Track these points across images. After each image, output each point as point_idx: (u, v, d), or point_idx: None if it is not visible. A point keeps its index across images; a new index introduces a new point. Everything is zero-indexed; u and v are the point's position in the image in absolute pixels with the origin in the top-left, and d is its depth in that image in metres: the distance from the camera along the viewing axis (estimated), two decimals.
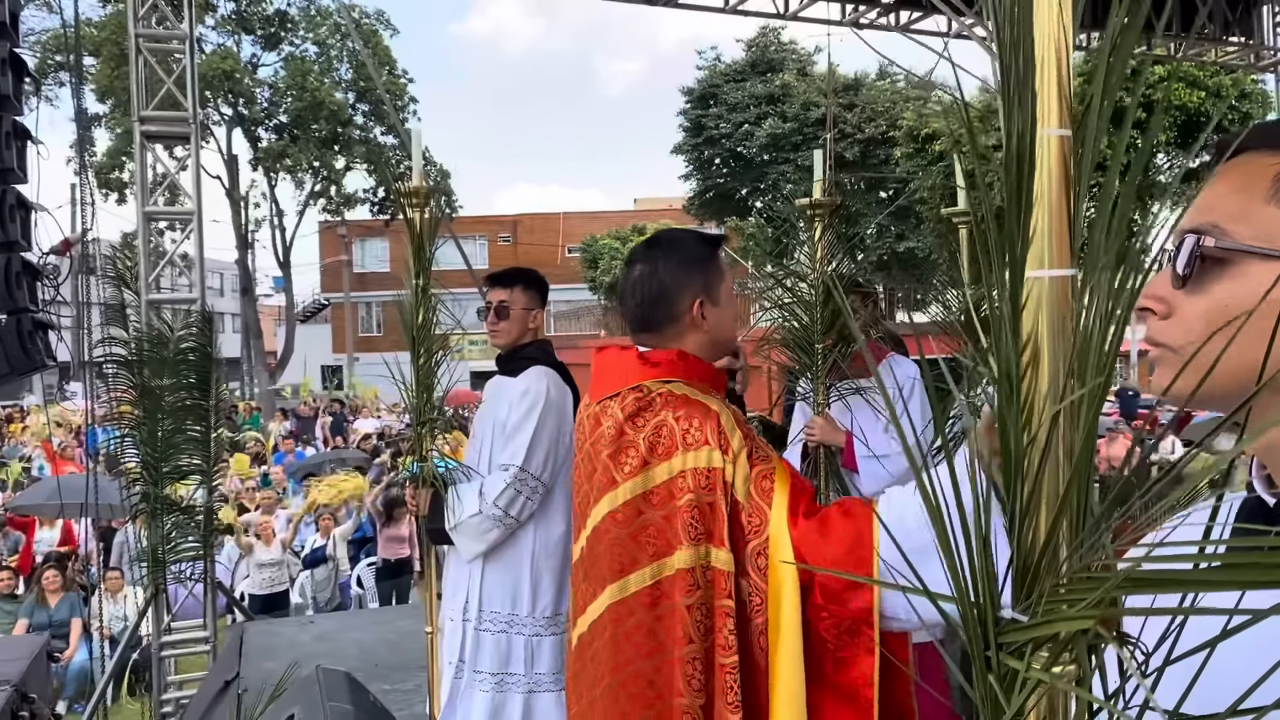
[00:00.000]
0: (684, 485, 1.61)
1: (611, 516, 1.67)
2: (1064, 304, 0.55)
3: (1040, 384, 0.55)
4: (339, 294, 34.92)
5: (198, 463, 5.40)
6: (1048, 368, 0.55)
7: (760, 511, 1.58)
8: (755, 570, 1.57)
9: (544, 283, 3.27)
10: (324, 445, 17.28)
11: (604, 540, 1.69)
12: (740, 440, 1.63)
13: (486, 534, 2.95)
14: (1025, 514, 0.54)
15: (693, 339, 1.81)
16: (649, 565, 1.63)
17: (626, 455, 1.68)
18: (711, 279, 1.82)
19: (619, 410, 1.72)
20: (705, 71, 24.66)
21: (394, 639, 5.04)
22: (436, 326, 2.91)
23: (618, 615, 1.64)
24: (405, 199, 2.75)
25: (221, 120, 24.53)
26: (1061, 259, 0.55)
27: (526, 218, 37.69)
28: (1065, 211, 0.55)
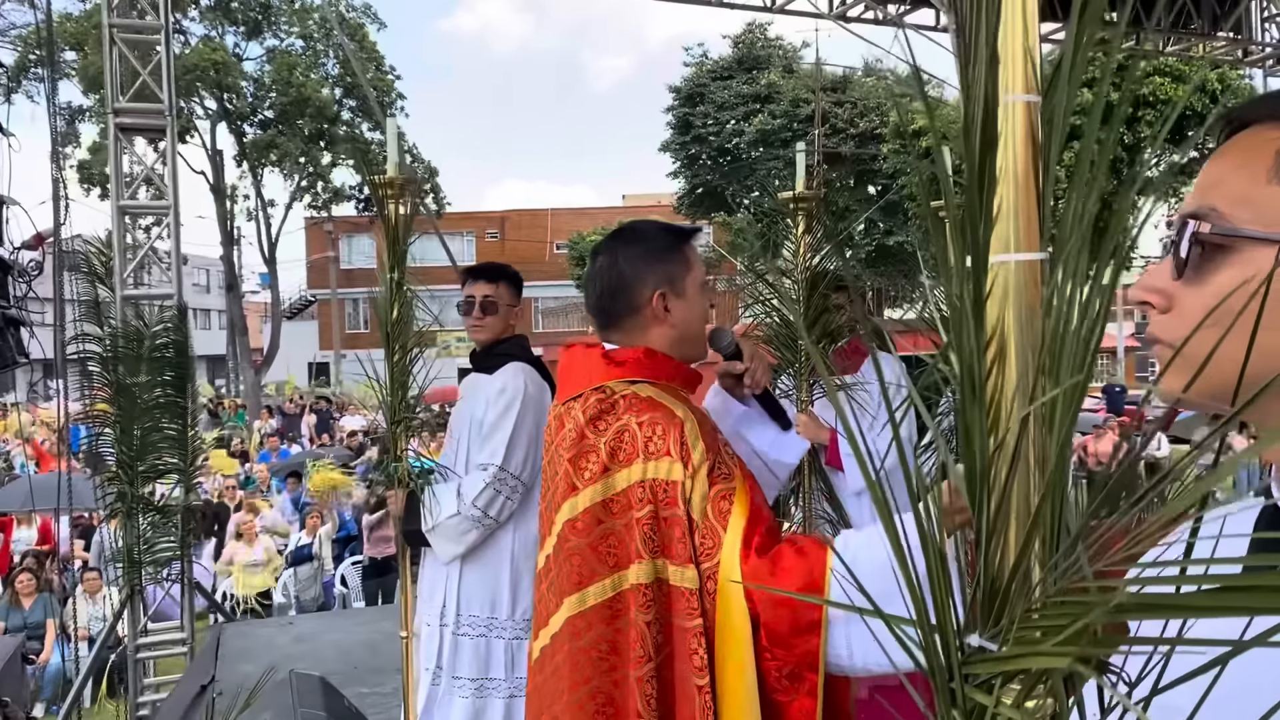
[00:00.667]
0: (644, 495, 1.54)
1: (571, 525, 1.60)
2: (1033, 292, 0.49)
3: (1007, 383, 0.49)
4: (325, 290, 34.72)
5: (175, 461, 5.32)
6: (1015, 364, 0.49)
7: (714, 533, 1.50)
8: (705, 594, 1.50)
9: (521, 279, 3.24)
10: (310, 443, 17.17)
11: (564, 549, 1.61)
12: (702, 453, 1.55)
13: (464, 535, 2.88)
14: (992, 530, 0.48)
15: (657, 334, 1.73)
16: (608, 577, 1.55)
17: (587, 460, 1.60)
18: (675, 270, 1.74)
19: (580, 413, 1.65)
20: (692, 69, 24.57)
21: (374, 640, 4.97)
22: (414, 323, 2.84)
23: (575, 629, 1.57)
24: (381, 190, 2.67)
25: (206, 115, 24.34)
26: (1030, 241, 0.49)
27: (514, 214, 37.51)
28: (1033, 188, 0.49)
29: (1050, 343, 0.49)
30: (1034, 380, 0.48)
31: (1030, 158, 0.48)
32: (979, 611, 0.50)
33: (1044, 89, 0.48)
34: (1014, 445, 0.48)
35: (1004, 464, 0.48)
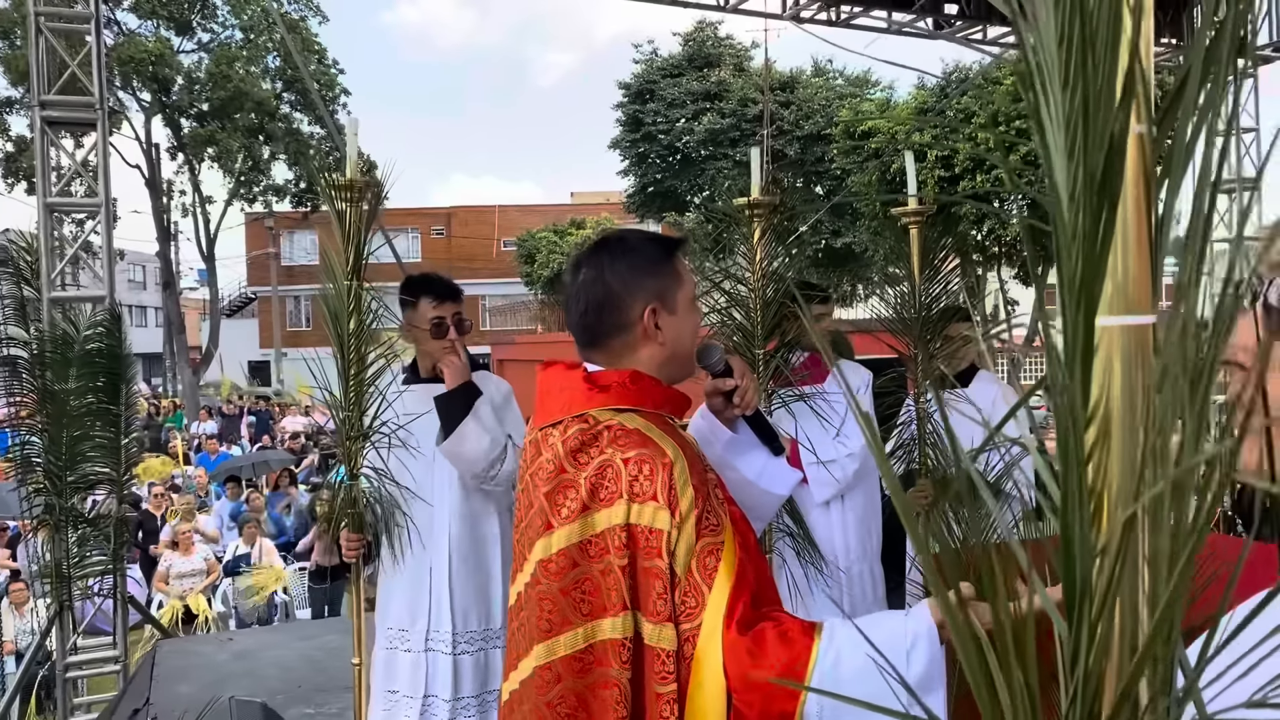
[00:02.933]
0: (624, 541, 1.41)
1: (544, 565, 1.47)
2: (1145, 359, 0.40)
3: (1111, 472, 0.40)
4: (266, 287, 33.98)
5: (106, 471, 5.08)
6: (1120, 448, 0.40)
7: (698, 592, 1.38)
8: (682, 658, 1.38)
9: None
10: (250, 445, 16.76)
11: (535, 590, 1.48)
12: (690, 500, 1.41)
13: (489, 454, 2.78)
14: (1088, 664, 0.39)
15: (647, 353, 1.59)
16: (581, 626, 1.42)
17: (565, 496, 1.47)
18: (667, 284, 1.60)
19: (560, 443, 1.51)
20: (642, 66, 24.48)
21: (319, 657, 4.79)
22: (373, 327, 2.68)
23: (543, 680, 1.45)
24: (338, 193, 2.52)
25: (141, 107, 23.62)
26: (1141, 300, 0.40)
27: (461, 210, 37.05)
28: (1145, 236, 0.40)
29: (1162, 420, 0.41)
30: (1141, 466, 0.40)
31: (1143, 201, 0.39)
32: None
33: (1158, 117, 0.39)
34: (1118, 552, 0.39)
35: (1104, 575, 0.39)
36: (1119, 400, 0.40)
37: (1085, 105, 0.37)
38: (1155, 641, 0.38)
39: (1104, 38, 0.37)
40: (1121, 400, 0.40)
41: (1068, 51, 0.39)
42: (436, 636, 2.88)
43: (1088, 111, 0.36)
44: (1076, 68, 0.38)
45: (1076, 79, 0.38)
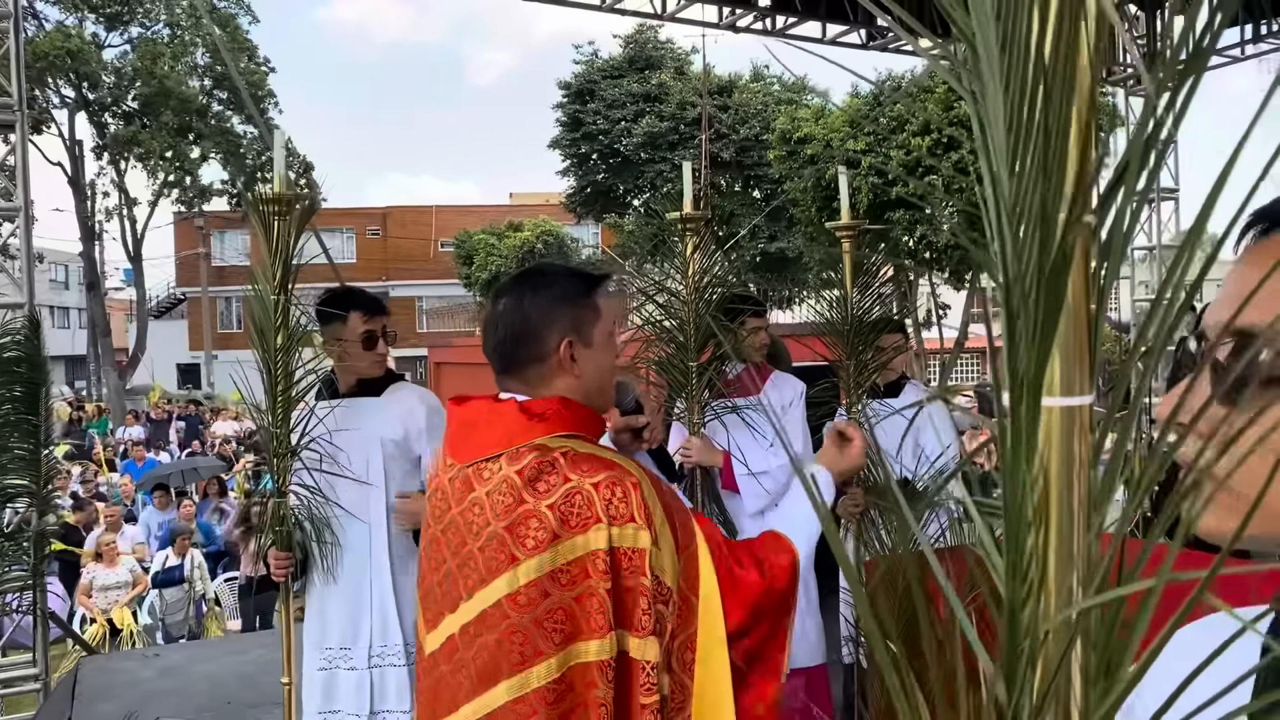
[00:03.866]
0: (605, 565, 1.42)
1: (511, 599, 1.44)
2: (1083, 442, 0.41)
3: (1049, 571, 0.41)
4: (196, 288, 33.14)
5: (25, 483, 4.89)
6: (1057, 531, 0.41)
7: (688, 604, 1.45)
8: (679, 664, 1.44)
9: None
10: (179, 451, 16.31)
11: (498, 629, 1.45)
12: (661, 516, 1.46)
13: None
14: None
15: (563, 384, 1.61)
16: (555, 655, 1.42)
17: (528, 527, 1.45)
18: (585, 318, 1.63)
19: (514, 474, 1.49)
20: (583, 66, 24.45)
21: (250, 671, 4.68)
22: (302, 337, 2.62)
23: (518, 717, 1.43)
24: (267, 205, 2.46)
25: (64, 104, 22.85)
26: (1081, 382, 0.41)
27: (397, 210, 36.53)
28: (1085, 316, 0.41)
29: (1101, 500, 0.41)
30: (1083, 553, 0.41)
31: (1083, 280, 0.40)
32: None
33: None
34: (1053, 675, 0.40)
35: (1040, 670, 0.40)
36: (1056, 478, 0.41)
37: (1042, 202, 0.37)
38: None
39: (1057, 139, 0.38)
40: (1058, 479, 0.41)
41: (1018, 146, 0.39)
42: (385, 651, 2.85)
43: (1044, 209, 0.37)
44: (1031, 165, 0.39)
45: (1029, 176, 0.39)
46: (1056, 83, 0.35)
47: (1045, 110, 0.36)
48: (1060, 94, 0.36)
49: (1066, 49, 0.35)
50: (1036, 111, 0.36)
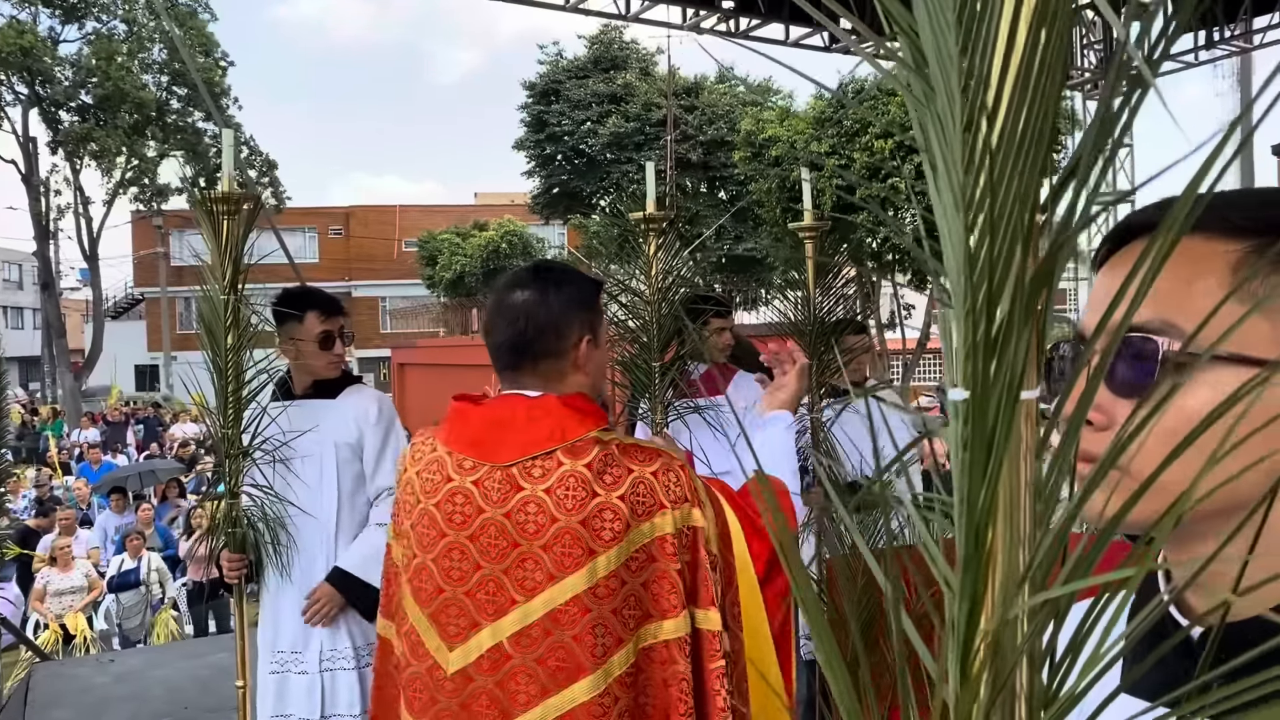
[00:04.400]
0: (671, 548, 1.50)
1: (591, 593, 1.46)
2: (1030, 434, 0.41)
3: (998, 557, 0.41)
4: (154, 288, 32.59)
5: None
6: (1003, 525, 0.41)
7: (729, 565, 1.58)
8: (733, 621, 1.56)
9: None
10: (137, 453, 16.04)
11: (575, 625, 1.46)
12: (704, 490, 1.58)
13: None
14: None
15: (574, 380, 1.62)
16: (630, 640, 1.49)
17: (603, 520, 1.47)
18: (596, 318, 1.68)
19: (582, 468, 1.49)
20: (547, 66, 24.38)
21: (207, 676, 4.61)
22: (254, 338, 2.59)
23: (603, 708, 1.46)
24: (215, 204, 2.42)
25: (17, 100, 22.38)
26: (1029, 376, 0.41)
27: (360, 210, 36.18)
28: (1036, 313, 0.41)
29: (1049, 492, 0.42)
30: (1029, 544, 0.41)
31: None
32: None
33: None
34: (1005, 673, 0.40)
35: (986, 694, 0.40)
36: (1006, 471, 0.41)
37: (1020, 204, 0.38)
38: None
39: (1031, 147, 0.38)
40: (1007, 470, 0.41)
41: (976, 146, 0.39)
42: (335, 655, 2.83)
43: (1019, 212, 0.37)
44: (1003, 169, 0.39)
45: (1002, 179, 0.39)
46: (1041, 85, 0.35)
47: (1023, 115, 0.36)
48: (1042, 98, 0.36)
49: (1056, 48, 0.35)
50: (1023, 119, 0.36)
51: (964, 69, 0.37)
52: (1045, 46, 0.35)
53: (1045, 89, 0.36)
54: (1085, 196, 0.37)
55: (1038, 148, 0.37)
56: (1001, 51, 0.36)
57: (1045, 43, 0.35)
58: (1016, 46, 0.36)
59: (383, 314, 34.17)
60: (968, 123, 0.38)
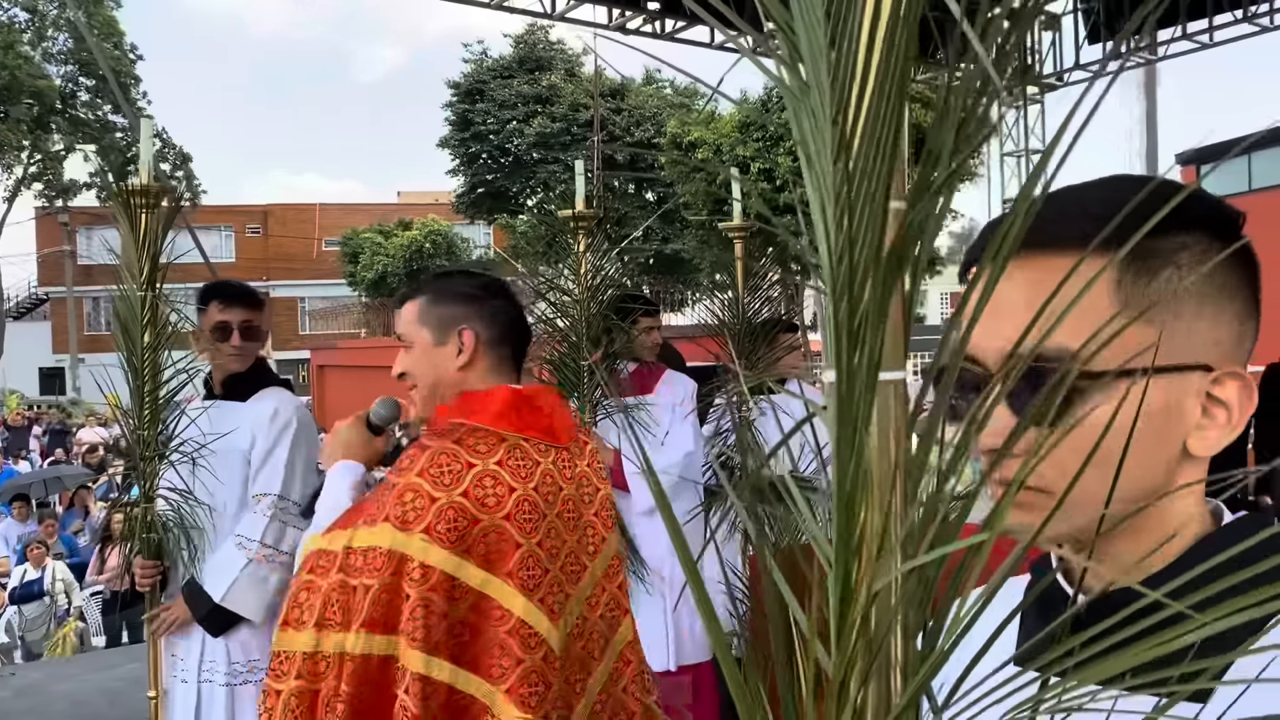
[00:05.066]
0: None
1: (612, 568, 1.74)
2: (901, 414, 0.43)
3: (871, 531, 0.43)
4: (60, 288, 31.35)
5: None
6: (878, 495, 0.43)
7: None
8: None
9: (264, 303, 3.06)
10: (41, 459, 15.41)
11: (619, 575, 1.74)
12: None
13: (266, 581, 2.62)
14: (855, 703, 0.42)
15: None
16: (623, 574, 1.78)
17: (605, 506, 1.73)
18: None
19: (594, 444, 1.80)
20: (472, 65, 24.17)
21: (117, 688, 4.45)
22: (171, 337, 2.51)
23: (634, 640, 1.75)
24: (133, 197, 2.35)
25: None
26: (896, 358, 0.43)
27: (278, 208, 35.33)
28: (901, 299, 0.43)
29: (917, 469, 0.44)
30: (903, 534, 0.43)
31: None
32: None
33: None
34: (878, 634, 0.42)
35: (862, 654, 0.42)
36: (877, 448, 0.43)
37: (881, 188, 0.39)
38: (914, 697, 0.41)
39: (887, 130, 0.39)
40: (878, 448, 0.43)
41: (845, 136, 0.41)
42: (213, 667, 2.72)
43: (878, 194, 0.39)
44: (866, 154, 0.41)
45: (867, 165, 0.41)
46: (891, 76, 0.37)
47: (880, 103, 0.38)
48: (893, 87, 0.38)
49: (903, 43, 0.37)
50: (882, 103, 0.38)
51: (832, 61, 0.39)
52: (899, 40, 0.37)
53: (899, 81, 0.38)
54: (941, 186, 0.39)
55: (893, 138, 0.39)
56: (864, 44, 0.38)
57: (900, 36, 0.37)
58: (878, 41, 0.38)
59: (302, 315, 33.43)
60: (835, 114, 0.40)
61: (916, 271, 0.44)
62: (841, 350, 0.41)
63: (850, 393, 0.41)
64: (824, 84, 0.42)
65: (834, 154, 0.41)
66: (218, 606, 2.61)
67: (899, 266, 0.40)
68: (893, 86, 0.38)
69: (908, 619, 0.44)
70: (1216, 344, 0.68)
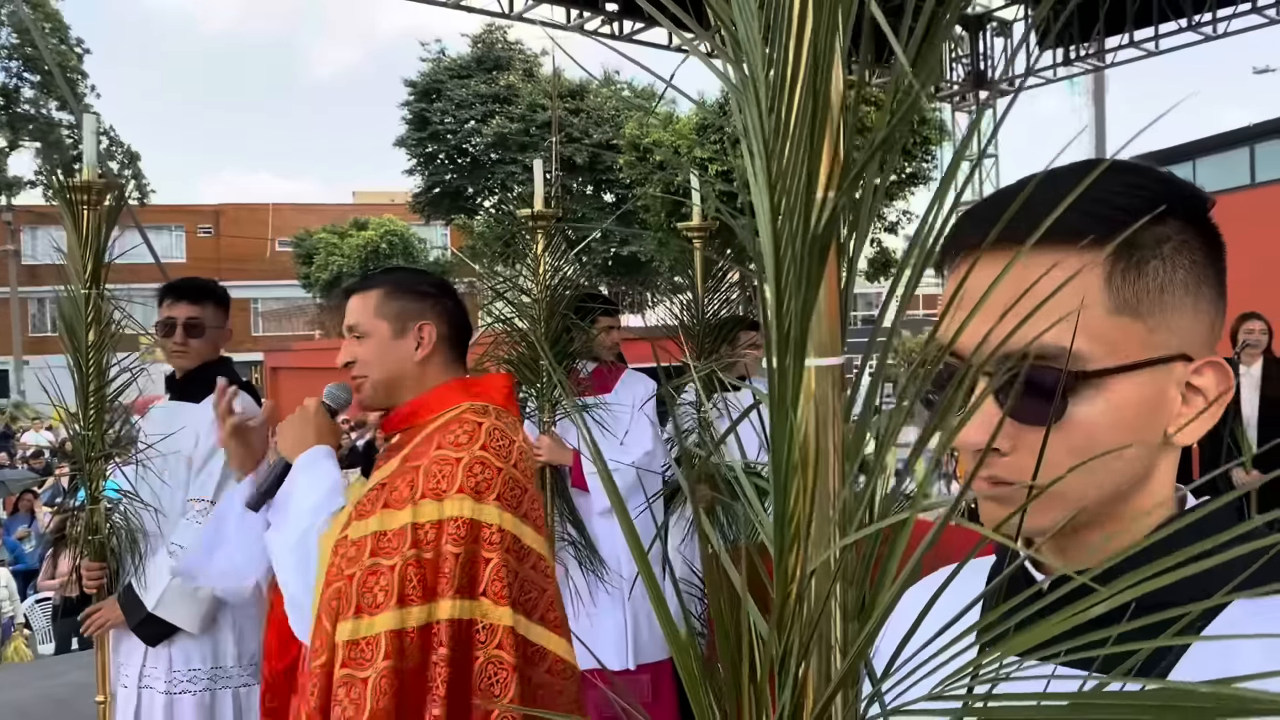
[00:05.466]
0: None
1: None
2: (837, 398, 0.45)
3: (809, 510, 0.44)
4: (4, 288, 30.56)
5: None
6: (816, 473, 0.45)
7: None
8: None
9: (229, 298, 2.94)
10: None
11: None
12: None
13: (198, 591, 2.55)
14: (796, 673, 0.43)
15: None
16: None
17: None
18: None
19: None
20: (429, 64, 23.99)
21: (64, 695, 4.35)
22: (116, 336, 2.47)
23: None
24: (75, 193, 2.31)
25: None
26: (833, 345, 0.44)
27: (231, 208, 34.75)
28: (836, 288, 0.44)
29: (854, 449, 0.45)
30: (840, 494, 0.44)
31: (833, 259, 0.44)
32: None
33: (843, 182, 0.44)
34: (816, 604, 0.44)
35: (803, 623, 0.44)
36: (814, 431, 0.44)
37: (807, 179, 0.41)
38: (850, 671, 0.42)
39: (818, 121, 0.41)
40: (816, 431, 0.44)
41: (780, 128, 0.42)
42: (153, 674, 2.67)
43: (808, 185, 0.40)
44: (794, 147, 0.42)
45: (794, 156, 0.42)
46: (820, 68, 0.38)
47: (805, 95, 0.39)
48: (819, 78, 0.39)
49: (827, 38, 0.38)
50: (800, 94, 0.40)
51: (766, 54, 0.41)
52: (821, 32, 0.38)
53: (823, 72, 0.39)
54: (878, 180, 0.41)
55: (817, 127, 0.40)
56: (794, 36, 0.39)
57: (822, 28, 0.38)
58: (806, 34, 0.39)
59: (254, 316, 32.92)
60: (770, 104, 0.41)
61: (853, 263, 0.45)
62: (773, 336, 0.42)
63: (783, 379, 0.43)
64: (759, 76, 0.43)
65: (770, 144, 0.42)
66: (151, 615, 2.56)
67: (824, 254, 0.42)
68: (822, 78, 0.39)
69: (846, 598, 0.45)
70: (1196, 333, 0.69)
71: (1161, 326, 0.67)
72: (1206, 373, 0.68)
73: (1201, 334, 0.69)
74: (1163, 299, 0.67)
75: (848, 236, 0.44)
